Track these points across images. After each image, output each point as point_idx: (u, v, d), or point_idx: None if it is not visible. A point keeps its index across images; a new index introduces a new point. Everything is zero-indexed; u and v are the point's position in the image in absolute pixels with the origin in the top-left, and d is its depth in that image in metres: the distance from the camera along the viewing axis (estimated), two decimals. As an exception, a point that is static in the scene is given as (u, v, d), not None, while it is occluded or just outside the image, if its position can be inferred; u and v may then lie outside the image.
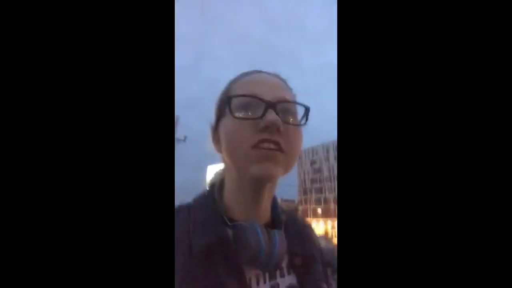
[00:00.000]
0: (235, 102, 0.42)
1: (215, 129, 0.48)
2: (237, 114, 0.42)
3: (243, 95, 0.42)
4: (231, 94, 0.44)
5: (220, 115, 0.46)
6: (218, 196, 0.49)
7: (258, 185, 0.44)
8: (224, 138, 0.44)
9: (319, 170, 51.61)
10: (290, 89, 0.49)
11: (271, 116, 0.40)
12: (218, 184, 0.50)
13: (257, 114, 0.41)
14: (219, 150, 0.48)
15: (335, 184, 47.10)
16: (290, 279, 0.47)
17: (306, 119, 0.45)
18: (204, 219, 0.45)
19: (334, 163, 47.85)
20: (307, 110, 0.45)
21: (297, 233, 0.51)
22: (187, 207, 0.48)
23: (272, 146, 0.41)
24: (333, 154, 48.71)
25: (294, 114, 0.45)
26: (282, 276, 0.47)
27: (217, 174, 0.53)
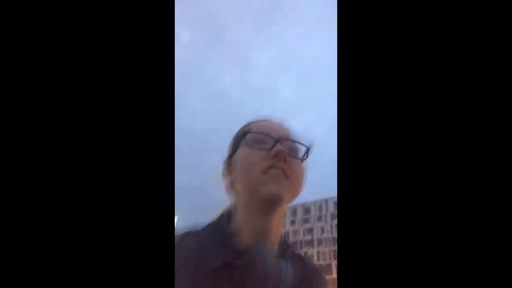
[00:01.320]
0: (249, 137, 0.50)
1: (229, 161, 0.55)
2: (252, 145, 0.50)
3: (257, 132, 0.51)
4: (247, 130, 0.52)
5: (235, 149, 0.53)
6: (227, 223, 0.51)
7: (268, 207, 0.47)
8: (239, 164, 0.50)
9: (310, 231, 47.01)
10: (291, 133, 0.56)
11: (279, 146, 0.48)
12: (227, 213, 0.53)
13: (267, 146, 0.49)
14: (229, 183, 0.54)
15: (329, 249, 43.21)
16: None
17: (307, 155, 0.53)
18: (211, 244, 0.46)
19: (328, 223, 44.45)
20: (308, 148, 0.53)
21: (306, 276, 0.52)
22: (196, 234, 0.50)
23: (279, 171, 0.47)
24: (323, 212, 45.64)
25: (297, 151, 0.52)
26: None
27: (224, 207, 0.56)
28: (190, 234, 0.50)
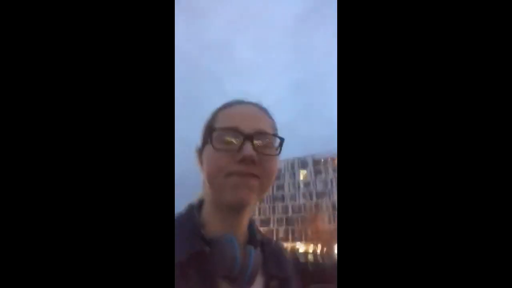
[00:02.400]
0: (216, 134, 0.47)
1: (200, 153, 0.53)
2: (217, 146, 0.46)
3: (225, 128, 0.47)
4: (214, 125, 0.49)
5: (204, 142, 0.51)
6: (197, 213, 0.52)
7: (234, 210, 0.49)
8: (205, 165, 0.49)
9: (281, 187, 48.03)
10: (270, 118, 0.53)
11: (248, 149, 0.45)
12: (197, 203, 0.55)
13: (235, 145, 0.46)
14: (202, 169, 0.53)
15: (301, 202, 44.78)
16: None
17: (280, 150, 0.50)
18: (181, 235, 0.46)
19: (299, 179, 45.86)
20: (281, 141, 0.50)
21: (274, 255, 0.55)
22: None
23: (245, 178, 0.45)
24: (298, 171, 46.80)
25: (270, 144, 0.49)
26: None
27: (198, 195, 0.57)
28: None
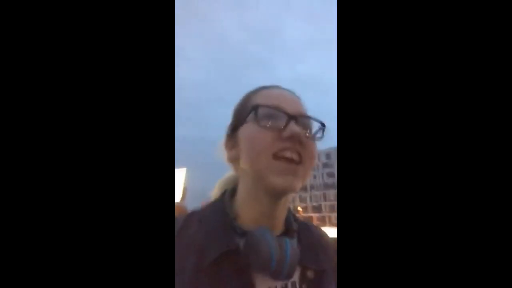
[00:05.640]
0: (260, 111, 0.45)
1: (233, 134, 0.50)
2: (262, 123, 0.44)
3: (269, 106, 0.45)
4: (256, 103, 0.46)
5: (240, 123, 0.48)
6: (229, 204, 0.49)
7: (277, 196, 0.46)
8: (246, 144, 0.46)
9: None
10: (304, 105, 0.51)
11: (294, 127, 0.43)
12: (230, 191, 0.52)
13: (279, 124, 0.44)
14: (232, 157, 0.50)
15: (321, 193, 48.20)
16: None
17: (323, 134, 0.48)
18: (214, 229, 0.46)
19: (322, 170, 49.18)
20: (323, 125, 0.48)
21: (311, 245, 0.52)
22: (198, 216, 0.49)
23: (294, 155, 0.43)
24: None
25: (311, 128, 0.48)
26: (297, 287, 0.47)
27: (227, 182, 0.55)
28: (193, 216, 0.49)
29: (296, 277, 0.47)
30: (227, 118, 0.53)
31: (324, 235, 0.58)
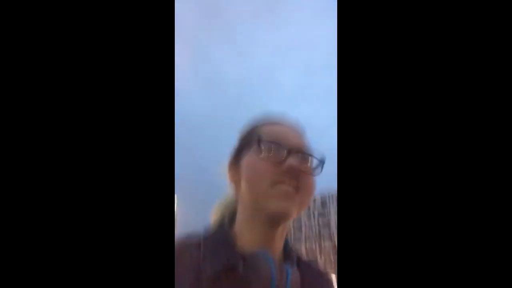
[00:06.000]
0: (262, 144, 0.47)
1: (235, 160, 0.52)
2: (263, 155, 0.46)
3: (270, 141, 0.47)
4: (260, 136, 0.48)
5: (244, 149, 0.51)
6: (229, 225, 0.50)
7: (274, 222, 0.47)
8: (247, 172, 0.48)
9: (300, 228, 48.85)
10: (306, 139, 0.53)
11: (292, 161, 0.45)
12: (230, 214, 0.53)
13: (280, 157, 0.46)
14: (234, 180, 0.52)
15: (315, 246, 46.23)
16: None
17: (321, 170, 0.50)
18: (214, 248, 0.46)
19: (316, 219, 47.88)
20: (322, 161, 0.50)
21: (312, 276, 0.51)
22: (197, 238, 0.49)
23: (289, 188, 0.45)
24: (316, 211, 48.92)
25: (310, 163, 0.49)
26: None
27: (225, 206, 0.55)
28: (191, 238, 0.49)
29: None
30: (219, 150, 0.43)
31: (325, 273, 0.57)
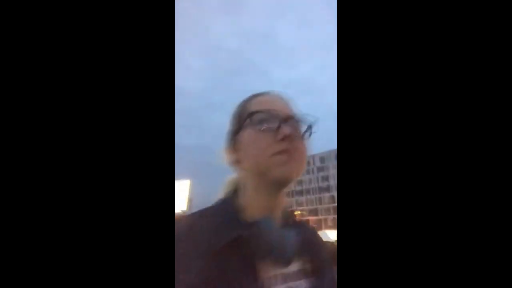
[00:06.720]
0: (256, 117, 0.51)
1: (233, 139, 0.55)
2: (258, 127, 0.50)
3: (262, 111, 0.51)
4: (251, 110, 0.52)
5: (238, 129, 0.54)
6: (235, 200, 0.54)
7: (277, 187, 0.51)
8: (246, 147, 0.51)
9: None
10: (293, 107, 0.57)
11: (286, 128, 0.49)
12: (234, 190, 0.57)
13: (273, 126, 0.50)
14: (234, 160, 0.55)
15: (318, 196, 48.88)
16: (305, 284, 0.51)
17: (310, 133, 0.54)
18: (220, 221, 0.49)
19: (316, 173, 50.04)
20: (309, 126, 0.54)
21: (309, 239, 0.57)
22: (206, 213, 0.53)
23: (287, 154, 0.48)
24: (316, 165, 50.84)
25: (300, 129, 0.54)
26: (298, 279, 0.51)
27: (229, 184, 0.59)
28: (201, 213, 0.53)
29: (298, 267, 0.52)
30: (223, 124, 0.59)
31: (316, 233, 0.64)
